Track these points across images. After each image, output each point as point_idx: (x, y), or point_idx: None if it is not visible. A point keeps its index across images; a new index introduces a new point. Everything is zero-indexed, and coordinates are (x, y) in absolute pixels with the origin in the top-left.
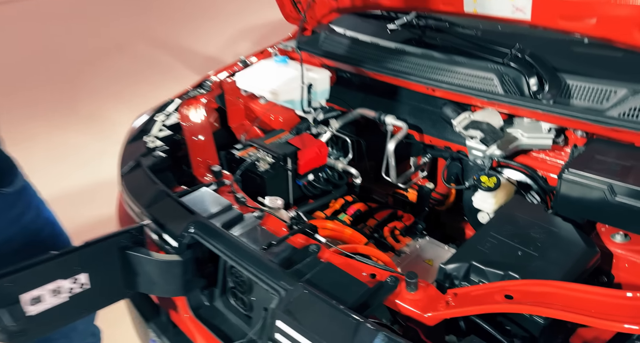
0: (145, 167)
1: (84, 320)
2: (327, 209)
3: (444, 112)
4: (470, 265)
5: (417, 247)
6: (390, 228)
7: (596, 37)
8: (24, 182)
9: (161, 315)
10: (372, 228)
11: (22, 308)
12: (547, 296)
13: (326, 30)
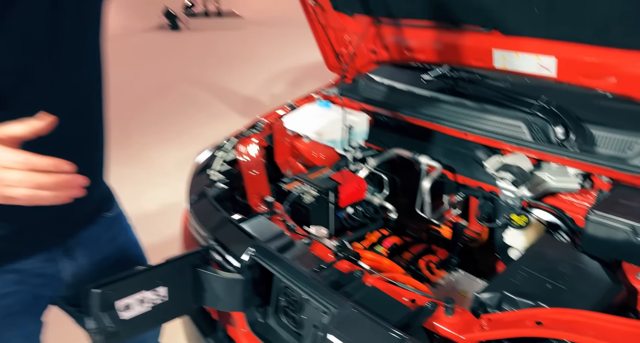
0: (210, 197)
1: (153, 334)
2: (365, 241)
3: (476, 154)
4: (503, 295)
5: (451, 280)
6: (426, 262)
7: (618, 93)
8: (119, 208)
9: (218, 330)
10: (408, 261)
11: (117, 313)
12: (575, 324)
13: (365, 78)
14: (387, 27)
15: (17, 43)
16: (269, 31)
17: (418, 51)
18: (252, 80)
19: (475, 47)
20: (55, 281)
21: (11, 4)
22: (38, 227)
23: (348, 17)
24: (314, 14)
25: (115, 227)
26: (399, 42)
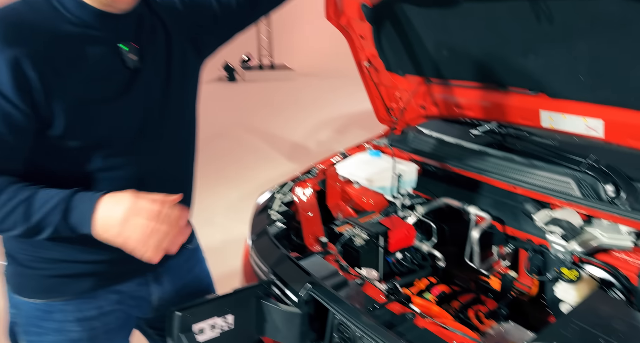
0: (270, 235)
1: None
2: (413, 288)
3: (525, 207)
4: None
5: (501, 330)
6: (475, 311)
7: None
8: (197, 242)
9: None
10: (457, 309)
11: (193, 335)
12: None
13: (415, 131)
14: (437, 85)
15: (139, 107)
16: (317, 82)
17: (466, 108)
18: (300, 127)
19: (522, 107)
20: (145, 303)
21: (136, 79)
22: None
23: (400, 77)
24: (368, 74)
25: (194, 258)
26: (448, 100)
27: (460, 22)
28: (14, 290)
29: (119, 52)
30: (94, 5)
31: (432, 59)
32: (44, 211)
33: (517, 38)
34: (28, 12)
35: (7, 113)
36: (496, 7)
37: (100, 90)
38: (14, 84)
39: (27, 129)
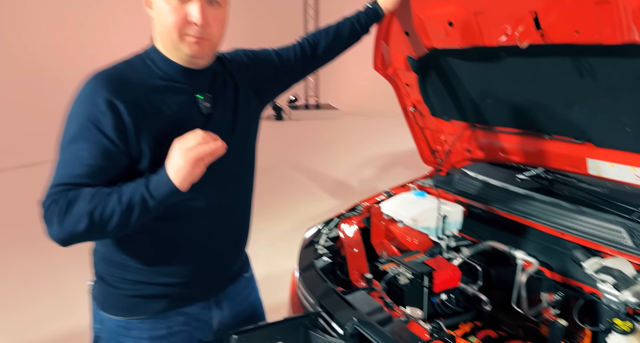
0: (317, 268)
1: None
2: (458, 330)
3: (574, 254)
4: None
5: None
6: None
7: None
8: (252, 271)
9: None
10: None
11: None
12: None
13: (460, 173)
14: (482, 131)
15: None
16: (361, 121)
17: (512, 154)
18: (344, 165)
19: (568, 154)
20: (207, 326)
21: (208, 122)
22: (205, 279)
23: (445, 121)
24: (413, 118)
25: (250, 287)
26: (493, 145)
27: (503, 74)
28: (100, 306)
29: (196, 101)
30: (179, 63)
31: (476, 106)
32: (130, 190)
33: (561, 90)
34: (127, 70)
35: (107, 148)
36: (538, 61)
37: (179, 132)
38: (114, 126)
39: (120, 163)
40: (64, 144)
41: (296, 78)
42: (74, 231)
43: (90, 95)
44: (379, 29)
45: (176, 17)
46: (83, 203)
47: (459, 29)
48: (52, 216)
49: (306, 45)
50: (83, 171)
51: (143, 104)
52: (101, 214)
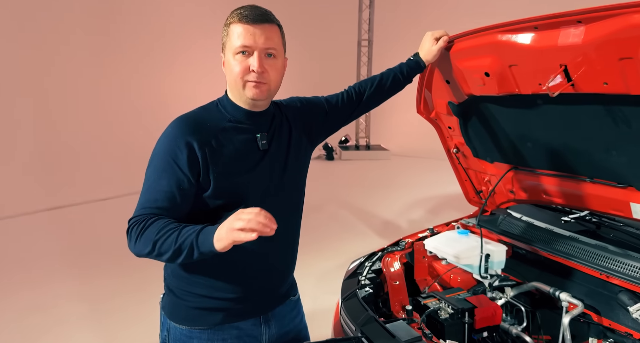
0: (359, 297)
1: None
2: None
3: (620, 298)
4: None
5: None
6: None
7: None
8: (299, 295)
9: None
10: None
11: None
12: None
13: (504, 214)
14: (525, 173)
15: (265, 177)
16: (411, 162)
17: (554, 196)
18: (393, 205)
19: (611, 198)
20: (256, 342)
21: (264, 157)
22: (257, 298)
23: (487, 163)
24: (456, 159)
25: (296, 310)
26: (536, 187)
27: (540, 119)
28: (168, 316)
29: (256, 139)
30: (245, 107)
31: (517, 149)
32: (185, 237)
33: (597, 136)
34: (203, 113)
35: (180, 179)
36: (572, 109)
37: (240, 165)
38: (187, 161)
39: (190, 192)
40: (149, 173)
41: (343, 122)
42: (142, 252)
43: (172, 136)
44: (422, 77)
45: (241, 68)
46: (152, 233)
47: (495, 78)
48: (131, 234)
49: (352, 93)
50: (161, 196)
51: (213, 142)
52: (160, 247)
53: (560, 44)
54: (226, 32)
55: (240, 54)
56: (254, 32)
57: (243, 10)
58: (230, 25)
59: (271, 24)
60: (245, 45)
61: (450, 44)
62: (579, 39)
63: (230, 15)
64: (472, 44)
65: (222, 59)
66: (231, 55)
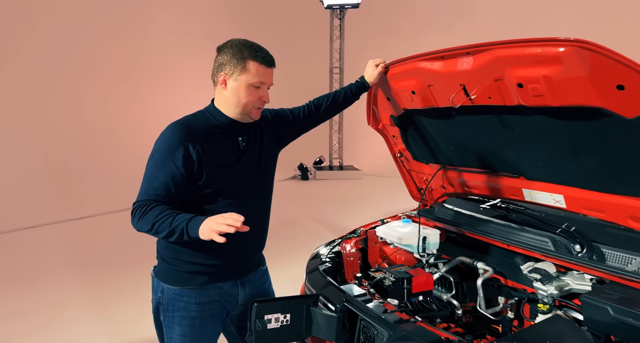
0: (320, 270)
1: None
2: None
3: (516, 261)
4: (516, 341)
5: None
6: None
7: (608, 221)
8: (266, 267)
9: None
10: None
11: (265, 322)
12: None
13: (439, 205)
14: (451, 171)
15: (244, 172)
16: (382, 181)
17: (473, 188)
18: (364, 219)
19: (510, 186)
20: (234, 300)
21: (243, 156)
22: (234, 265)
23: (424, 164)
24: (401, 162)
25: (265, 277)
26: (459, 181)
27: (456, 127)
28: (162, 280)
29: (237, 142)
30: (232, 117)
31: (443, 152)
32: (178, 223)
33: (495, 138)
34: (194, 120)
35: (175, 174)
36: (476, 118)
37: (225, 161)
38: (182, 159)
39: (182, 183)
40: (150, 167)
41: (304, 130)
42: (142, 229)
43: (170, 138)
44: (369, 95)
45: (254, 98)
46: (152, 215)
47: (419, 96)
48: (135, 215)
49: (312, 107)
50: (159, 186)
51: (203, 143)
52: (157, 227)
53: (459, 69)
54: (241, 64)
55: (253, 87)
56: (268, 73)
57: (261, 53)
58: (248, 60)
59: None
60: (261, 82)
61: (386, 69)
62: (469, 66)
63: (247, 51)
64: (402, 69)
65: (220, 78)
66: (244, 84)
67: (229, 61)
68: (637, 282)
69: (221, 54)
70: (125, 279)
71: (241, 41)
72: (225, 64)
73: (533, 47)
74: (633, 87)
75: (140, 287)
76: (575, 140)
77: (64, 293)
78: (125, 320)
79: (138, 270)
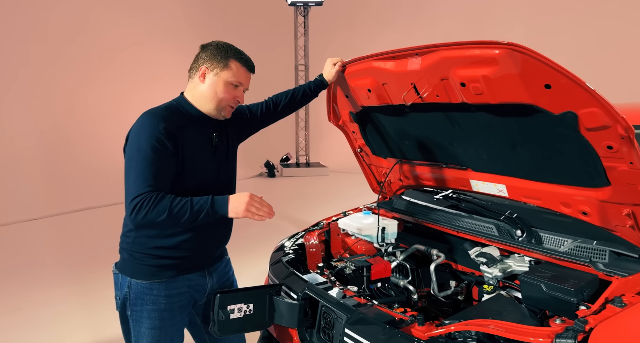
0: (284, 262)
1: None
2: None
3: (464, 246)
4: (459, 319)
5: None
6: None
7: (545, 208)
8: (229, 258)
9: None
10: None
11: (227, 312)
12: (483, 326)
13: (397, 197)
14: (407, 164)
15: (216, 164)
16: (347, 177)
17: (427, 180)
18: (329, 214)
19: (459, 177)
20: (202, 290)
21: (216, 150)
22: (202, 256)
23: (382, 159)
24: (361, 157)
25: (228, 266)
26: (414, 174)
27: (409, 123)
28: (129, 275)
29: (210, 137)
30: (204, 111)
31: (400, 147)
32: (199, 205)
33: (444, 134)
34: (166, 112)
35: (170, 157)
36: (426, 115)
37: (202, 154)
38: (170, 142)
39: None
40: (141, 158)
41: (261, 126)
42: (155, 220)
43: (151, 124)
44: (328, 92)
45: (230, 96)
46: (166, 203)
47: (374, 93)
48: (141, 208)
49: (270, 104)
50: (158, 175)
51: (180, 133)
52: (177, 212)
53: (409, 69)
54: (224, 61)
55: (231, 85)
56: (248, 77)
57: (244, 56)
58: (231, 59)
59: None
60: (240, 82)
61: (344, 67)
62: (418, 66)
63: (232, 52)
64: (358, 68)
65: (200, 71)
66: (223, 80)
67: (213, 57)
68: (568, 261)
69: (205, 50)
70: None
71: (227, 43)
72: (207, 59)
73: (473, 49)
74: (558, 86)
75: (100, 285)
76: (513, 134)
77: (22, 296)
78: (89, 317)
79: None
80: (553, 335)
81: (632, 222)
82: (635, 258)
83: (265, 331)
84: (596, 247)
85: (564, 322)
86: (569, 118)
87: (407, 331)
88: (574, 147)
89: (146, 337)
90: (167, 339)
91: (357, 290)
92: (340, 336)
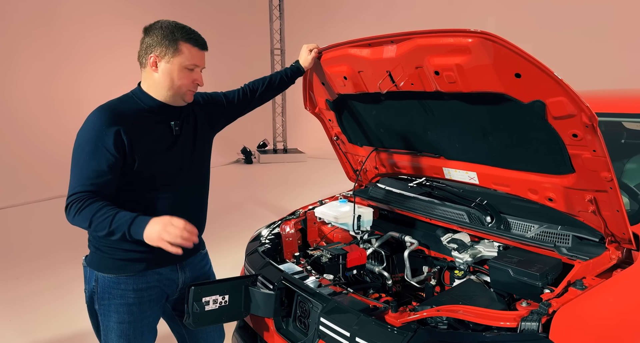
0: (260, 252)
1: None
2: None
3: (437, 233)
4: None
5: None
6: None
7: (515, 194)
8: (206, 251)
9: (258, 339)
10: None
11: (202, 304)
12: (455, 311)
13: (373, 185)
14: (383, 153)
15: (178, 157)
16: (325, 163)
17: (402, 168)
18: (307, 201)
19: (433, 165)
20: (174, 284)
21: (177, 141)
22: None
23: (359, 147)
24: (337, 145)
25: (205, 260)
26: (390, 162)
27: (385, 110)
28: (96, 269)
29: (170, 126)
30: (162, 100)
31: (375, 134)
32: (119, 223)
33: (418, 122)
34: (120, 104)
35: (109, 158)
36: (402, 102)
37: (158, 146)
38: (114, 144)
39: (118, 169)
40: (78, 157)
41: (239, 113)
42: (79, 225)
43: (98, 124)
44: (304, 79)
45: (188, 80)
46: (89, 213)
47: (350, 81)
48: (71, 210)
49: (247, 91)
50: (93, 175)
51: (134, 129)
52: (96, 226)
53: (384, 56)
54: (174, 46)
55: (187, 69)
56: (201, 56)
57: (193, 35)
58: (180, 42)
59: None
60: (195, 64)
61: (320, 54)
62: (393, 54)
63: (179, 32)
64: (333, 55)
65: (150, 59)
66: (177, 66)
67: (160, 42)
68: (534, 247)
69: (149, 35)
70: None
71: (171, 23)
72: (155, 46)
73: (447, 38)
74: (527, 76)
75: (69, 278)
76: (484, 122)
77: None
78: (58, 313)
79: (70, 260)
80: (519, 318)
81: (593, 207)
82: (596, 242)
83: (241, 321)
84: (560, 232)
85: (529, 305)
86: (537, 107)
87: (380, 318)
88: (541, 135)
89: (115, 331)
90: (136, 333)
91: (332, 278)
92: (316, 324)
